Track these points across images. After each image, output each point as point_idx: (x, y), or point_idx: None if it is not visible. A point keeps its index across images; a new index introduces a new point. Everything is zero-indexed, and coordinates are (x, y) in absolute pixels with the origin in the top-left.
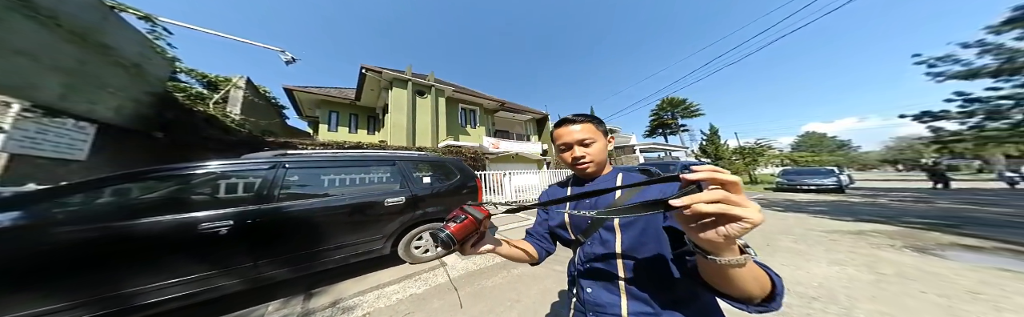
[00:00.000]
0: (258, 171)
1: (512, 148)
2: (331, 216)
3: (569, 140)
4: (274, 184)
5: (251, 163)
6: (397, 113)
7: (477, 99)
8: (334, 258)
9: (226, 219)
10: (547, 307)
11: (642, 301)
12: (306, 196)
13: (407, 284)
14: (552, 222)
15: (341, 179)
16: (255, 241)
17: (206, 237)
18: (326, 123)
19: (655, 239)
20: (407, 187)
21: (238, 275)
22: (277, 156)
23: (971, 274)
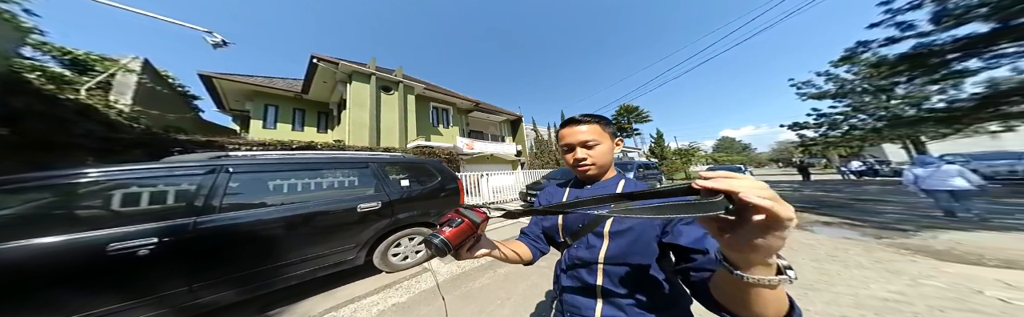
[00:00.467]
0: (191, 177)
1: (487, 149)
2: (292, 226)
3: (573, 141)
4: (214, 191)
5: (180, 167)
6: (358, 110)
7: (450, 98)
8: (297, 273)
9: (148, 236)
10: (536, 301)
11: (616, 307)
12: (258, 204)
13: (387, 294)
14: (545, 223)
15: (303, 184)
16: (191, 261)
17: (120, 260)
18: (261, 118)
19: (642, 251)
20: (383, 191)
21: (167, 304)
22: (215, 158)
23: (828, 242)
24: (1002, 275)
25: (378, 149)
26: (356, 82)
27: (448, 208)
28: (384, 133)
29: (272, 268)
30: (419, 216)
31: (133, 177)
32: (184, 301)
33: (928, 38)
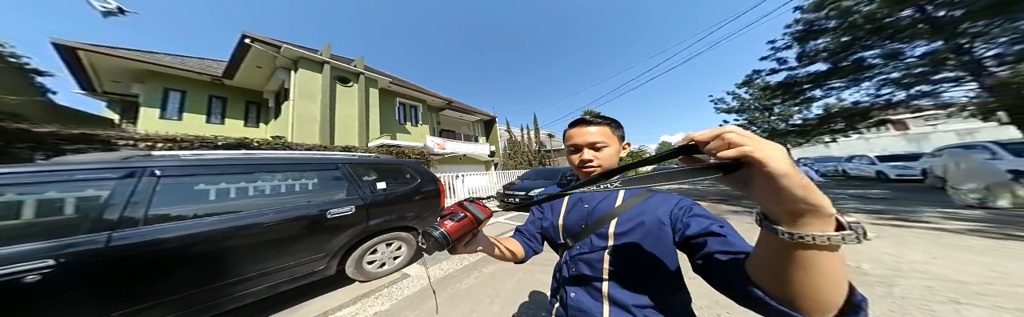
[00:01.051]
0: (101, 181)
1: (459, 149)
2: (246, 237)
3: (580, 142)
4: (136, 199)
5: (83, 170)
6: (305, 102)
7: (420, 94)
8: (252, 290)
9: (38, 258)
10: (526, 296)
11: (623, 309)
12: (199, 214)
13: (367, 303)
14: (545, 223)
15: (257, 188)
16: (108, 284)
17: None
18: (158, 106)
19: (648, 251)
20: (356, 194)
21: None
22: (131, 159)
23: (736, 225)
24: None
25: (334, 148)
26: (304, 70)
27: (428, 211)
28: (340, 129)
29: (220, 286)
30: (398, 220)
31: (11, 182)
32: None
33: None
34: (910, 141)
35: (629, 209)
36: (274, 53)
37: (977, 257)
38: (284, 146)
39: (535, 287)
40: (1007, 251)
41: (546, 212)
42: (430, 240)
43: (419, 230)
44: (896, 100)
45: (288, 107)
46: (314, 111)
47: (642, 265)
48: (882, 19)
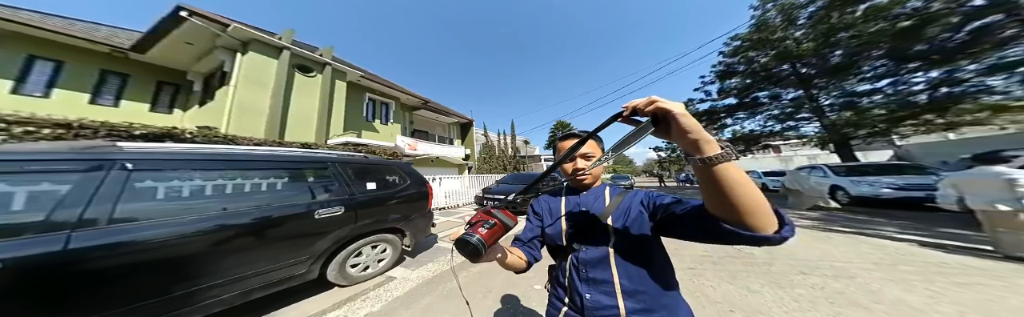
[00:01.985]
0: (59, 173)
1: (432, 151)
2: (224, 239)
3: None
4: (102, 195)
5: (38, 160)
6: (251, 89)
7: (393, 91)
8: (223, 296)
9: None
10: (515, 291)
11: (635, 299)
12: (172, 212)
13: (354, 306)
14: (549, 230)
15: (237, 186)
16: (60, 291)
17: None
18: (10, 78)
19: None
20: (345, 195)
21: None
22: (94, 149)
23: None
24: None
25: (293, 144)
26: (255, 54)
27: (416, 213)
28: (293, 123)
29: (191, 293)
30: (385, 222)
31: None
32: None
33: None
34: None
35: (617, 206)
36: (219, 31)
37: (814, 243)
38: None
39: (523, 283)
40: (829, 240)
41: (546, 219)
42: (468, 247)
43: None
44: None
45: (226, 94)
46: (261, 101)
47: (641, 255)
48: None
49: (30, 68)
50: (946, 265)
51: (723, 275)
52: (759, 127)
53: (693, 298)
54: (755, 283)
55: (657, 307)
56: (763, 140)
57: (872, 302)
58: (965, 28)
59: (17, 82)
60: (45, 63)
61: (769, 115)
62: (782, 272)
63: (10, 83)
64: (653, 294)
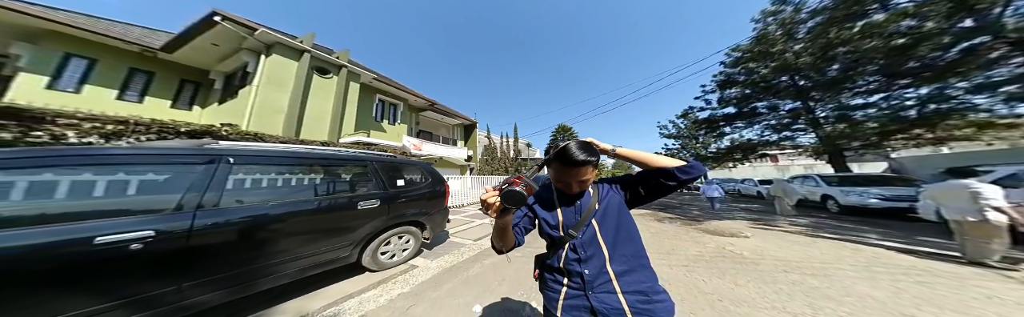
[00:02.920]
0: (190, 165)
1: (436, 151)
2: (295, 223)
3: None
4: (215, 183)
5: (175, 154)
6: (272, 90)
7: (402, 93)
8: (290, 271)
9: (143, 228)
10: (524, 283)
11: (618, 262)
12: (259, 199)
13: (386, 288)
14: (546, 222)
15: (304, 179)
16: (185, 257)
17: (105, 255)
18: (48, 74)
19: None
20: (381, 190)
21: (152, 305)
22: (204, 146)
23: (669, 229)
24: (735, 240)
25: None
26: (278, 56)
27: (435, 209)
28: (309, 122)
29: (267, 266)
30: (411, 215)
31: (122, 162)
32: (171, 301)
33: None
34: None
35: (596, 196)
36: (247, 35)
37: (799, 246)
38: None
39: (529, 280)
40: (814, 243)
41: (541, 213)
42: (516, 196)
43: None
44: (772, 140)
45: (248, 93)
46: (281, 100)
47: (624, 232)
48: (770, 81)
49: (65, 65)
50: (914, 268)
51: (714, 271)
52: (756, 136)
53: (687, 289)
54: (742, 279)
55: (637, 267)
56: (760, 149)
57: (842, 296)
58: (954, 48)
59: (53, 78)
60: (80, 61)
61: (767, 125)
62: (767, 270)
63: (46, 79)
64: (631, 256)
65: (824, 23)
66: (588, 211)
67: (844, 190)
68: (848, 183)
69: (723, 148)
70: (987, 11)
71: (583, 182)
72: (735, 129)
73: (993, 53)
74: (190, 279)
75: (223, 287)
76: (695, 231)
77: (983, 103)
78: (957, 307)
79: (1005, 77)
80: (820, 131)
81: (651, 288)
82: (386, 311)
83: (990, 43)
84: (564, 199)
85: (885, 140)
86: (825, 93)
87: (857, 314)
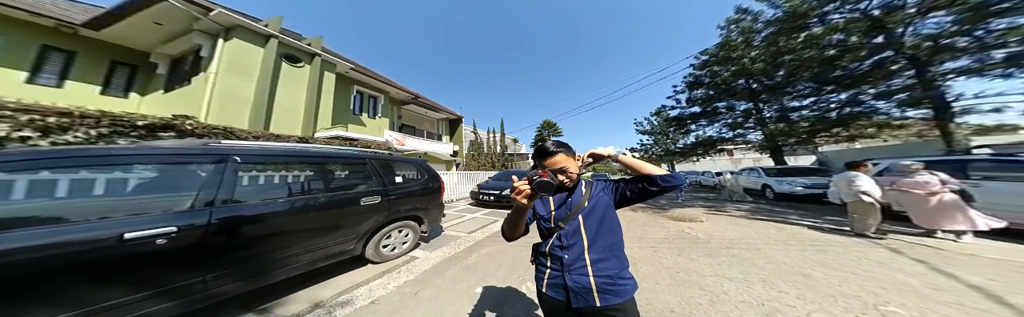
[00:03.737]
0: (200, 164)
1: (421, 146)
2: (303, 218)
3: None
4: (226, 181)
5: (186, 154)
6: (235, 78)
7: (382, 85)
8: (302, 263)
9: (167, 225)
10: (519, 269)
11: (594, 251)
12: (269, 195)
13: (392, 277)
14: (541, 215)
15: (310, 177)
16: (207, 251)
17: (135, 250)
18: None
19: (605, 216)
20: (381, 186)
21: (181, 294)
22: (209, 146)
23: (640, 217)
24: (693, 224)
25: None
26: (239, 41)
27: (432, 204)
28: (280, 115)
29: (281, 258)
30: (409, 210)
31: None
32: (197, 291)
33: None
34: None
35: (588, 194)
36: (199, 15)
37: (740, 228)
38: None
39: (524, 264)
40: (751, 225)
41: (539, 207)
42: (547, 185)
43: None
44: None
45: (205, 81)
46: (245, 90)
47: (605, 226)
48: (730, 84)
49: None
50: (817, 241)
51: (674, 250)
52: (716, 133)
53: (653, 265)
54: (695, 255)
55: (610, 257)
56: (719, 145)
57: (765, 263)
58: (868, 61)
59: None
60: None
61: (725, 123)
62: (714, 247)
63: None
64: (607, 248)
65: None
66: (577, 207)
67: (778, 180)
68: (782, 174)
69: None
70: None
71: (562, 170)
72: (699, 127)
73: (894, 66)
74: (213, 271)
75: (243, 278)
76: (662, 218)
77: (883, 107)
78: (839, 266)
79: (899, 86)
80: (765, 129)
81: (618, 274)
82: (396, 296)
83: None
84: (560, 197)
85: (813, 137)
86: (771, 96)
87: (772, 275)
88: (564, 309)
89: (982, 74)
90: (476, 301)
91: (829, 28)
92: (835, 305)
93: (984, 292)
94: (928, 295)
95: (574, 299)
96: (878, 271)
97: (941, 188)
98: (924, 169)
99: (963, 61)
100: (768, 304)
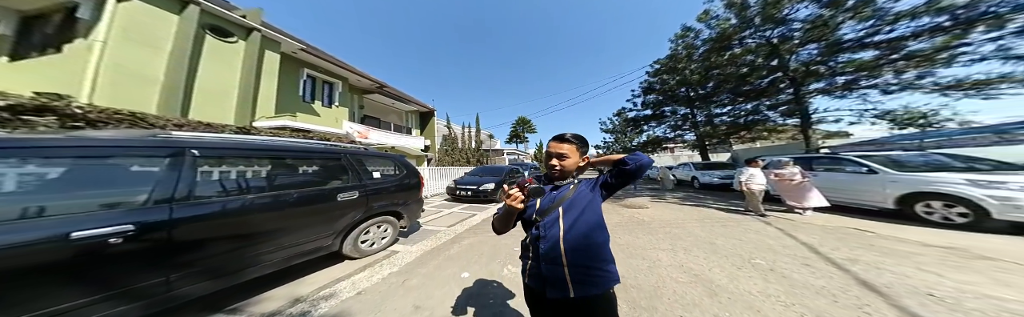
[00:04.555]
0: (154, 157)
1: (387, 140)
2: (276, 214)
3: (553, 152)
4: (185, 175)
5: (133, 146)
6: (135, 50)
7: (339, 70)
8: (275, 261)
9: (122, 223)
10: (500, 256)
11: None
12: (235, 191)
13: (375, 270)
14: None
15: (276, 172)
16: (169, 250)
17: (85, 250)
18: None
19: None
20: (358, 182)
21: (142, 296)
22: (160, 137)
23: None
24: (641, 210)
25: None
26: (142, 3)
27: (411, 199)
28: (204, 99)
29: (253, 256)
30: (388, 206)
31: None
32: (159, 293)
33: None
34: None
35: (573, 192)
36: None
37: (673, 212)
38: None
39: (504, 251)
40: (681, 209)
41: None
42: (539, 191)
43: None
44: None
45: (85, 50)
46: (152, 66)
47: (583, 219)
48: (675, 91)
49: None
50: (723, 219)
51: (625, 231)
52: (662, 133)
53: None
54: (639, 233)
55: (585, 247)
56: (664, 143)
57: (686, 236)
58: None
59: None
60: None
61: (669, 125)
62: (654, 227)
63: None
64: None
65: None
66: (559, 201)
67: (702, 173)
68: (706, 168)
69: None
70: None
71: (561, 155)
72: (650, 127)
73: (781, 84)
74: (177, 271)
75: (210, 277)
76: (618, 206)
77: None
78: (732, 236)
79: (783, 100)
80: (697, 131)
81: (595, 265)
82: (383, 286)
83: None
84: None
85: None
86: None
87: (691, 245)
88: (544, 299)
89: (829, 94)
90: (463, 285)
91: (745, 50)
92: (727, 261)
93: (808, 247)
94: (779, 250)
95: (549, 289)
96: (754, 237)
97: (800, 177)
98: (792, 164)
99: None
100: (686, 265)
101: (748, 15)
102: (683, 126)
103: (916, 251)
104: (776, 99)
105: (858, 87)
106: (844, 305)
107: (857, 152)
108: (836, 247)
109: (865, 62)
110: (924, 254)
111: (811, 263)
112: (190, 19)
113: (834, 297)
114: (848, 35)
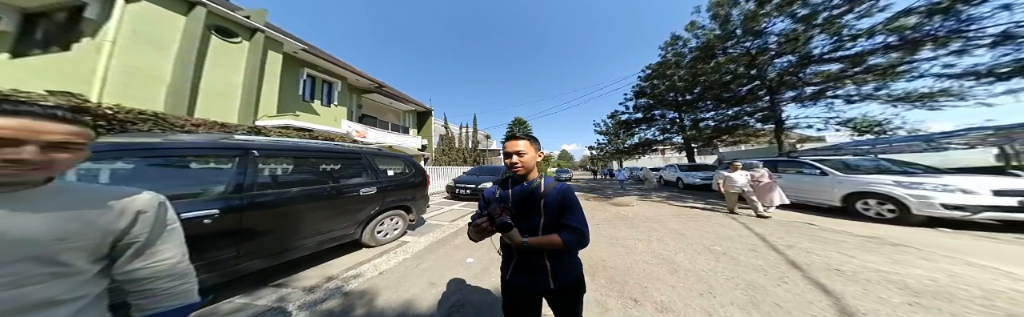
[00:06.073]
0: (230, 156)
1: (385, 139)
2: (317, 205)
3: (510, 150)
4: (250, 171)
5: (218, 146)
6: (144, 50)
7: (339, 70)
8: (312, 244)
9: (211, 207)
10: (490, 253)
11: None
12: (285, 185)
13: (389, 256)
14: None
15: (316, 169)
16: (241, 230)
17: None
18: None
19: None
20: (376, 179)
21: (218, 268)
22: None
23: (593, 204)
24: (627, 208)
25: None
26: (150, 4)
27: (419, 195)
28: (209, 98)
29: (298, 239)
30: (400, 201)
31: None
32: (230, 265)
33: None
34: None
35: (546, 192)
36: None
37: (656, 209)
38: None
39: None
40: (663, 207)
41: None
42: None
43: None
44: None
45: (94, 50)
46: (160, 66)
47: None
48: (664, 96)
49: None
50: (701, 215)
51: (611, 226)
52: (652, 136)
53: (596, 237)
54: (623, 227)
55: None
56: (654, 146)
57: (663, 229)
58: (746, 87)
59: None
60: None
61: (659, 128)
62: (637, 222)
63: None
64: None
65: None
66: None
67: (687, 174)
68: (690, 170)
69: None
70: (762, 65)
71: (519, 152)
72: (641, 130)
73: (760, 92)
74: (244, 247)
75: (266, 255)
76: (607, 204)
77: (751, 121)
78: (700, 228)
79: (760, 107)
80: (684, 134)
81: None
82: (400, 268)
83: (758, 86)
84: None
85: (712, 141)
86: (689, 108)
87: (665, 236)
88: (524, 293)
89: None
90: (469, 268)
91: (728, 59)
92: (691, 248)
93: (760, 237)
94: (735, 239)
95: (531, 284)
96: (719, 229)
97: (767, 179)
98: (761, 166)
99: (792, 93)
100: (657, 251)
101: (730, 27)
102: (671, 129)
103: (843, 239)
104: (755, 106)
105: (824, 97)
106: (771, 277)
107: (817, 156)
108: (781, 237)
109: (831, 74)
110: (848, 241)
111: (757, 249)
112: (196, 20)
113: (765, 272)
114: (817, 49)
